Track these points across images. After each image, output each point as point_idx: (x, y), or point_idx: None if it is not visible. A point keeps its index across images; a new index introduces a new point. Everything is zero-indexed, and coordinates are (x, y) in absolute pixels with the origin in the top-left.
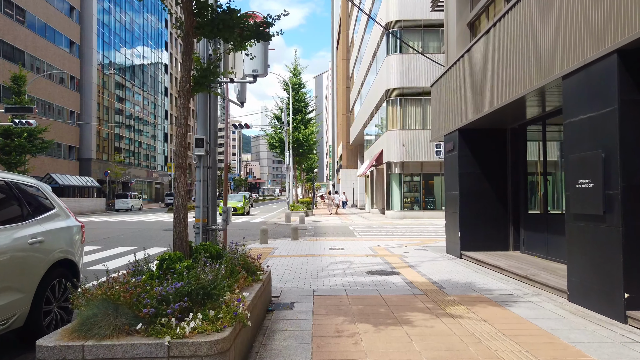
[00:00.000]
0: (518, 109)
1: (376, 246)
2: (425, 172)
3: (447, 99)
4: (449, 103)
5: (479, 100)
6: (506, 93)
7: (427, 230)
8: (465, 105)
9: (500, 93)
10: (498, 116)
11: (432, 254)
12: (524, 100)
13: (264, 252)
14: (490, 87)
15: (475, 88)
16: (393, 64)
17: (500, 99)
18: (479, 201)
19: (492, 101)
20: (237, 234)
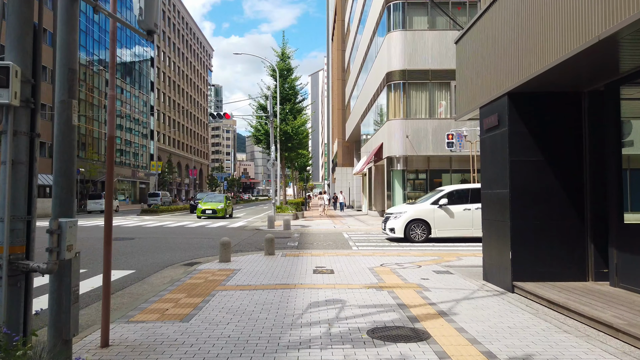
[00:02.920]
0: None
1: (379, 266)
2: (433, 169)
3: (485, 52)
4: (488, 58)
5: (553, 39)
6: (610, 17)
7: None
8: (521, 53)
9: (603, 16)
10: (584, 66)
11: (464, 281)
12: None
13: (216, 278)
14: (579, 12)
15: (544, 21)
16: (395, 43)
17: (604, 26)
18: (542, 204)
19: (584, 34)
20: (199, 244)
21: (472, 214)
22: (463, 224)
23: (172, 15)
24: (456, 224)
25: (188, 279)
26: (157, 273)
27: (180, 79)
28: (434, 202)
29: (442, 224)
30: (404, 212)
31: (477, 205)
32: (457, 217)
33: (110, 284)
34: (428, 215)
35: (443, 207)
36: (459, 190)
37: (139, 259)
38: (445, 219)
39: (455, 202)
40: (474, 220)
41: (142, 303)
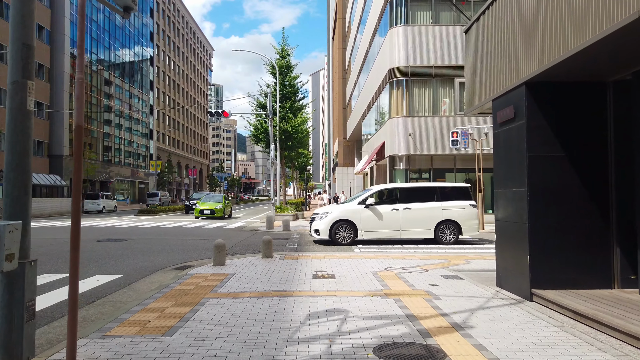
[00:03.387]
0: None
1: (384, 270)
2: (436, 168)
3: (500, 39)
4: (503, 45)
5: (581, 19)
6: None
7: None
8: (542, 38)
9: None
10: (612, 51)
11: (476, 288)
12: None
13: (208, 284)
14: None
15: None
16: (398, 38)
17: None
18: (563, 203)
19: (620, 9)
20: (194, 246)
21: (401, 214)
22: (391, 225)
23: (172, 14)
24: (384, 225)
25: (177, 285)
26: (145, 278)
27: (180, 79)
28: (361, 202)
29: (369, 225)
30: (330, 213)
31: (405, 205)
32: (385, 218)
33: (77, 296)
34: (354, 216)
35: (370, 208)
36: (388, 189)
37: (128, 262)
38: (372, 220)
39: (384, 202)
40: (402, 221)
41: (123, 313)
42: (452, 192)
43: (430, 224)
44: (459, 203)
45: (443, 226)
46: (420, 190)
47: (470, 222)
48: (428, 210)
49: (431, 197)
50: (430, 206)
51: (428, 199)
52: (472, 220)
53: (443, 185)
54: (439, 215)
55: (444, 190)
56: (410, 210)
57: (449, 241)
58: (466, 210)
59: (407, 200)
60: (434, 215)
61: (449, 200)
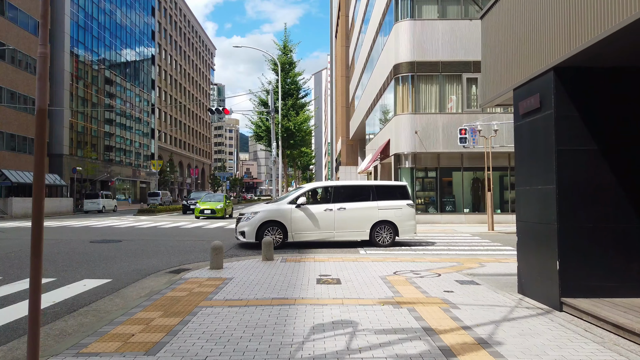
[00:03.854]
0: None
1: (393, 274)
2: (443, 166)
3: (522, 21)
4: (527, 28)
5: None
6: None
7: (454, 241)
8: (575, 15)
9: None
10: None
11: (496, 295)
12: None
13: (203, 290)
14: None
15: None
16: (403, 33)
17: None
18: (597, 203)
19: None
20: (192, 247)
21: (334, 215)
22: (324, 226)
23: (174, 12)
24: (316, 227)
25: (169, 292)
26: (136, 283)
27: (182, 77)
28: (291, 202)
29: (300, 227)
30: (257, 213)
31: (339, 205)
32: (318, 219)
33: (39, 309)
34: (284, 217)
35: (302, 208)
36: (321, 188)
37: (120, 265)
38: (303, 221)
39: (317, 201)
40: (336, 222)
41: (106, 325)
42: (389, 191)
43: (365, 225)
44: (396, 203)
45: (379, 227)
46: (356, 188)
47: (407, 223)
48: (363, 210)
49: (367, 196)
50: (366, 206)
51: (364, 198)
52: (409, 221)
53: (380, 183)
54: (375, 215)
55: (380, 189)
56: (344, 211)
57: (384, 243)
58: (403, 210)
59: (342, 199)
60: (370, 216)
61: (386, 200)
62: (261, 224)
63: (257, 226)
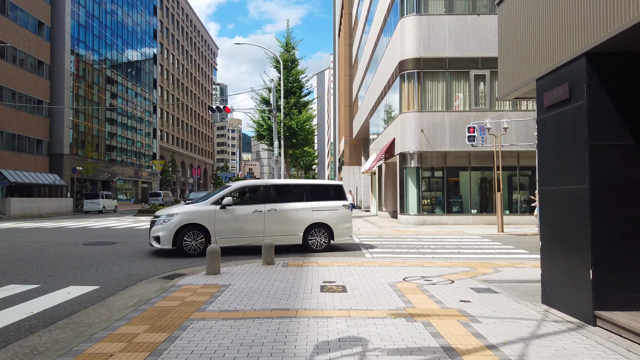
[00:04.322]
0: None
1: (402, 281)
2: (450, 166)
3: (547, 4)
4: (554, 10)
5: None
6: None
7: (464, 244)
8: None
9: None
10: None
11: (518, 306)
12: None
13: (196, 299)
14: None
15: None
16: (409, 28)
17: None
18: (637, 205)
19: None
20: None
21: (264, 216)
22: (253, 229)
23: (176, 12)
24: (244, 230)
25: (159, 301)
26: (125, 290)
27: (184, 77)
28: (215, 202)
29: (225, 231)
30: (174, 215)
31: (270, 206)
32: (246, 222)
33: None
34: (207, 219)
35: (227, 209)
36: (250, 187)
37: (110, 270)
38: (229, 224)
39: (245, 202)
40: (266, 225)
41: (83, 342)
42: (324, 191)
43: (299, 228)
44: (331, 203)
45: (313, 230)
46: (289, 188)
47: (343, 226)
48: (296, 211)
49: (301, 196)
50: (299, 207)
51: (297, 198)
52: (345, 224)
53: (314, 182)
54: (308, 217)
55: (315, 188)
56: (275, 212)
57: (319, 248)
58: (339, 211)
59: (273, 200)
60: (303, 218)
61: (321, 200)
62: (179, 227)
63: (175, 230)
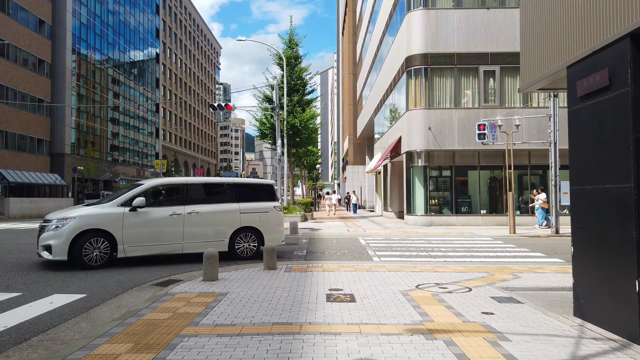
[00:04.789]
0: None
1: (415, 289)
2: (458, 165)
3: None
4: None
5: None
6: None
7: (476, 246)
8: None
9: None
10: None
11: (548, 319)
12: None
13: (190, 310)
14: None
15: None
16: (416, 23)
17: None
18: None
19: None
20: (185, 253)
21: (184, 220)
22: (170, 236)
23: (179, 11)
24: (159, 237)
25: (149, 312)
26: (113, 299)
27: (187, 76)
28: (124, 204)
29: (136, 237)
30: (71, 219)
31: (191, 208)
32: (161, 227)
33: None
34: (112, 224)
35: (139, 212)
36: (166, 185)
37: (100, 276)
38: (141, 230)
39: (161, 203)
40: (185, 230)
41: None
42: (253, 191)
43: (224, 233)
44: (261, 205)
45: (241, 235)
46: (213, 187)
47: (274, 230)
48: (222, 214)
49: (226, 197)
50: (225, 209)
51: (222, 199)
52: (276, 227)
53: (242, 181)
54: (236, 220)
55: (243, 188)
56: (197, 215)
57: (247, 255)
58: (270, 214)
59: (195, 201)
60: (230, 221)
61: (250, 202)
62: (78, 234)
63: (72, 238)
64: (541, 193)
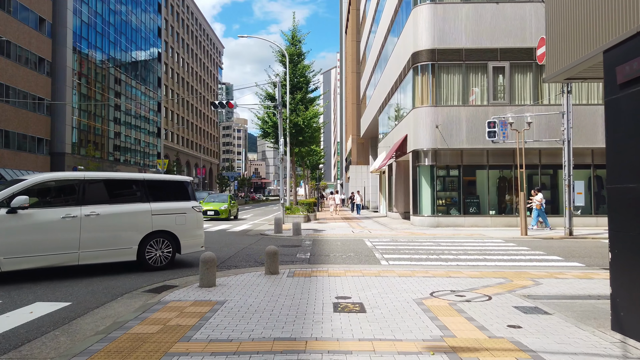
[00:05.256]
0: None
1: (430, 297)
2: (466, 164)
3: None
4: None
5: None
6: None
7: (488, 249)
8: None
9: None
10: None
11: (582, 334)
12: None
13: (182, 322)
14: None
15: None
16: (423, 18)
17: None
18: None
19: None
20: (183, 257)
21: (80, 224)
22: (63, 243)
23: (181, 10)
24: (48, 245)
25: (136, 324)
26: (100, 308)
27: (189, 76)
28: (0, 204)
29: (16, 246)
30: None
31: (90, 208)
32: (51, 232)
33: None
34: None
35: (20, 213)
36: (58, 181)
37: (88, 282)
38: (23, 237)
39: (50, 203)
40: (82, 236)
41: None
42: (166, 189)
43: (132, 239)
44: (177, 205)
45: (153, 241)
46: (117, 184)
47: (192, 234)
48: (129, 216)
49: (135, 195)
50: (134, 210)
51: (130, 199)
52: (195, 231)
53: (153, 177)
54: (146, 224)
55: (154, 185)
56: (97, 218)
57: (160, 264)
58: (188, 215)
59: (95, 200)
60: (139, 225)
61: (163, 201)
62: None
63: None
64: (537, 194)
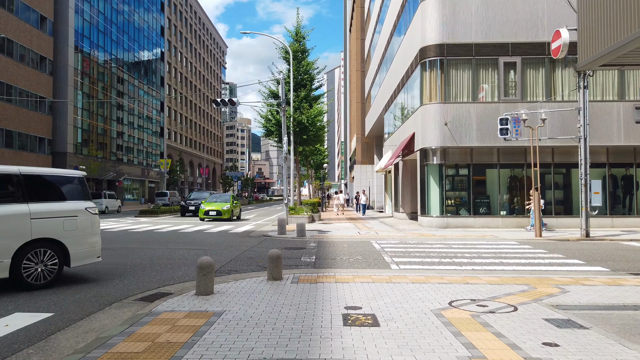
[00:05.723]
0: None
1: (449, 307)
2: (476, 163)
3: None
4: None
5: None
6: None
7: (503, 252)
8: None
9: None
10: None
11: (632, 354)
12: None
13: (173, 338)
14: None
15: None
16: (431, 11)
17: None
18: None
19: None
20: (183, 259)
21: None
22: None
23: (184, 9)
24: None
25: (122, 340)
26: (84, 320)
27: (193, 75)
28: None
29: None
30: None
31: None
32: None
33: None
34: None
35: None
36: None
37: (78, 288)
38: None
39: None
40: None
41: None
42: (51, 187)
43: (2, 251)
44: (66, 206)
45: (33, 252)
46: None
47: (85, 241)
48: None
49: (8, 195)
50: (4, 213)
51: (2, 198)
52: (89, 238)
53: (33, 172)
54: (23, 230)
55: (35, 182)
56: None
57: (42, 280)
58: (80, 219)
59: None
60: (13, 232)
61: (47, 201)
62: None
63: None
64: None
